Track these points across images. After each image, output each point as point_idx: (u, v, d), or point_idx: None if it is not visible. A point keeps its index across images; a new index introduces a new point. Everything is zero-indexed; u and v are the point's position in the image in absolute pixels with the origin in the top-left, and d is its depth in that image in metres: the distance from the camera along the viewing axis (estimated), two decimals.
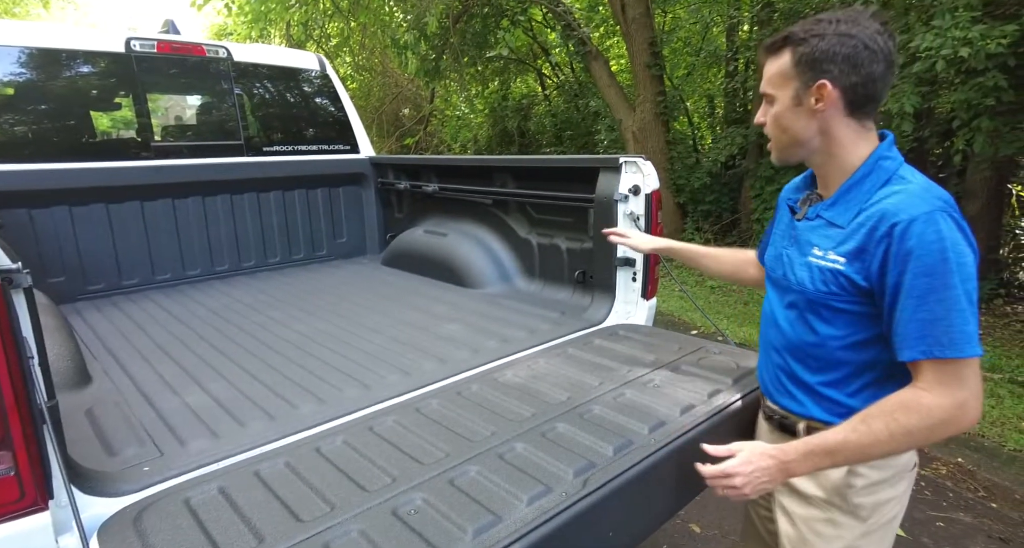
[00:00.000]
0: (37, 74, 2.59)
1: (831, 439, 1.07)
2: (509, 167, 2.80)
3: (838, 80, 1.07)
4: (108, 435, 1.45)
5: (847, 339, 1.15)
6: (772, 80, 1.15)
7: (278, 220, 3.34)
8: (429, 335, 2.14)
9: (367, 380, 1.75)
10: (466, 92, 12.17)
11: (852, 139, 1.13)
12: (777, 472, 1.10)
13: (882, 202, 1.07)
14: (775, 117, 1.16)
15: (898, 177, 1.10)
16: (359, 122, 3.67)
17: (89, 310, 2.55)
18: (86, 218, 2.70)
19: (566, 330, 2.15)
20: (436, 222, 3.29)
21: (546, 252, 2.67)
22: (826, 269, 1.14)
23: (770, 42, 1.15)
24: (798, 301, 1.21)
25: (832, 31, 1.06)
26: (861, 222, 1.09)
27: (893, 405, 1.03)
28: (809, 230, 1.20)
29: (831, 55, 1.06)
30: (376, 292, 2.79)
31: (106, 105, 2.83)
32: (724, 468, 1.13)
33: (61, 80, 2.64)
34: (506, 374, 1.74)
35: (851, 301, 1.12)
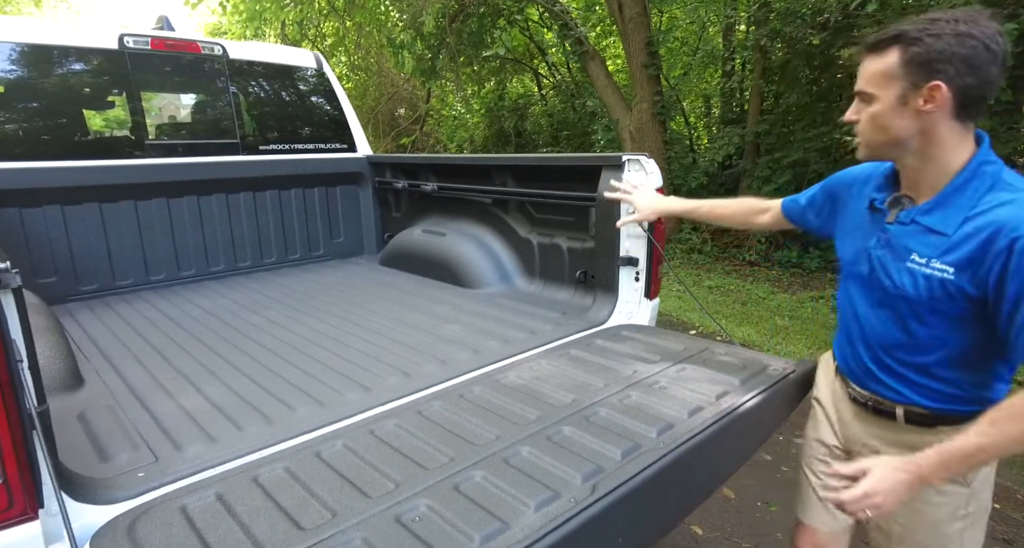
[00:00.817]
0: (28, 71, 2.54)
1: (965, 446, 1.07)
2: (509, 166, 2.77)
3: (953, 81, 1.05)
4: (101, 440, 1.40)
5: (944, 337, 1.18)
6: (874, 79, 1.13)
7: (274, 220, 3.29)
8: (429, 336, 2.11)
9: (367, 382, 1.72)
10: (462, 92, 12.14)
11: (954, 142, 1.11)
12: (915, 484, 1.11)
13: (994, 212, 1.06)
14: (873, 116, 1.14)
15: (1004, 183, 1.09)
16: (356, 121, 3.63)
17: (82, 311, 2.50)
18: (78, 218, 2.65)
19: (568, 331, 2.12)
20: (435, 222, 3.25)
21: (547, 252, 2.64)
22: (932, 277, 1.14)
23: (875, 40, 1.12)
24: (895, 303, 1.22)
25: (950, 31, 1.04)
26: (970, 233, 1.08)
27: (1019, 407, 1.03)
28: (905, 235, 1.20)
29: (948, 56, 1.04)
30: (374, 293, 2.75)
31: (99, 103, 2.78)
32: (865, 490, 1.11)
33: (53, 77, 2.60)
34: (509, 376, 1.71)
35: (956, 307, 1.13)
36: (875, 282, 1.26)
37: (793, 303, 5.68)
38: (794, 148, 6.71)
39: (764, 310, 5.54)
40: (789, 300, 5.76)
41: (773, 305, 5.66)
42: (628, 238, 2.21)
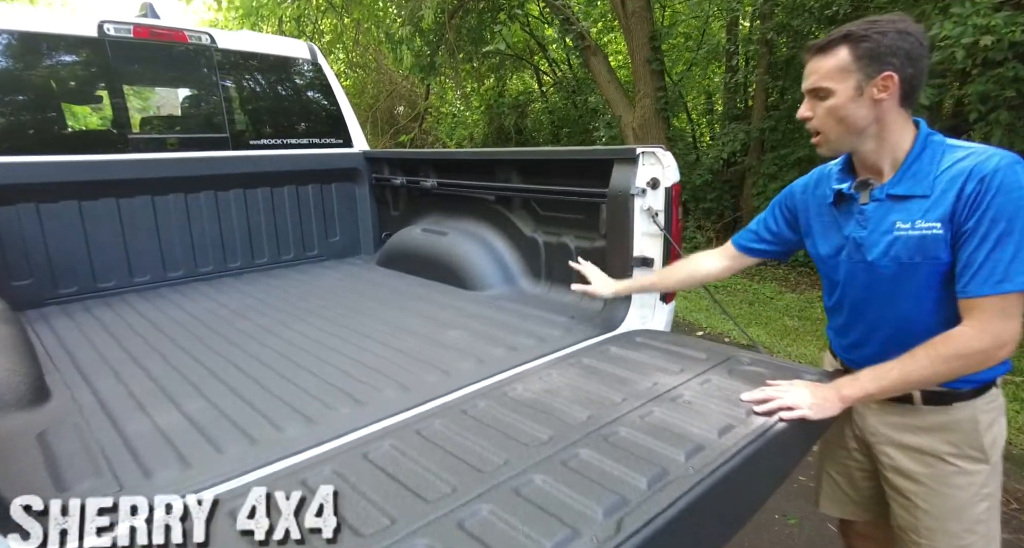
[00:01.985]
0: (3, 61, 2.38)
1: (879, 366, 1.25)
2: (513, 160, 2.61)
3: (900, 71, 1.19)
4: (61, 465, 1.25)
5: (943, 299, 1.23)
6: (829, 75, 1.23)
7: (266, 218, 3.14)
8: (429, 343, 1.95)
9: (362, 396, 1.56)
10: (462, 89, 11.97)
11: (901, 125, 1.26)
12: (832, 393, 1.30)
13: (957, 166, 1.19)
14: (831, 109, 1.25)
15: (953, 147, 1.23)
16: (352, 115, 3.48)
17: (58, 316, 2.35)
18: (56, 216, 2.49)
19: (579, 337, 1.96)
20: (435, 220, 3.10)
21: (554, 251, 2.49)
22: (922, 237, 1.21)
23: (823, 42, 1.25)
24: (889, 278, 1.28)
25: (893, 29, 1.18)
26: (944, 188, 1.19)
27: (937, 338, 1.19)
28: (883, 210, 1.28)
29: (895, 49, 1.18)
30: (371, 295, 2.60)
31: (77, 94, 2.62)
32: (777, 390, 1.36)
33: (27, 67, 2.44)
34: (516, 388, 1.56)
35: (948, 264, 1.21)
36: (862, 265, 1.32)
37: (801, 303, 5.54)
38: (800, 144, 6.56)
39: (772, 310, 5.39)
40: (797, 300, 5.62)
41: (781, 305, 5.51)
42: (643, 237, 2.06)
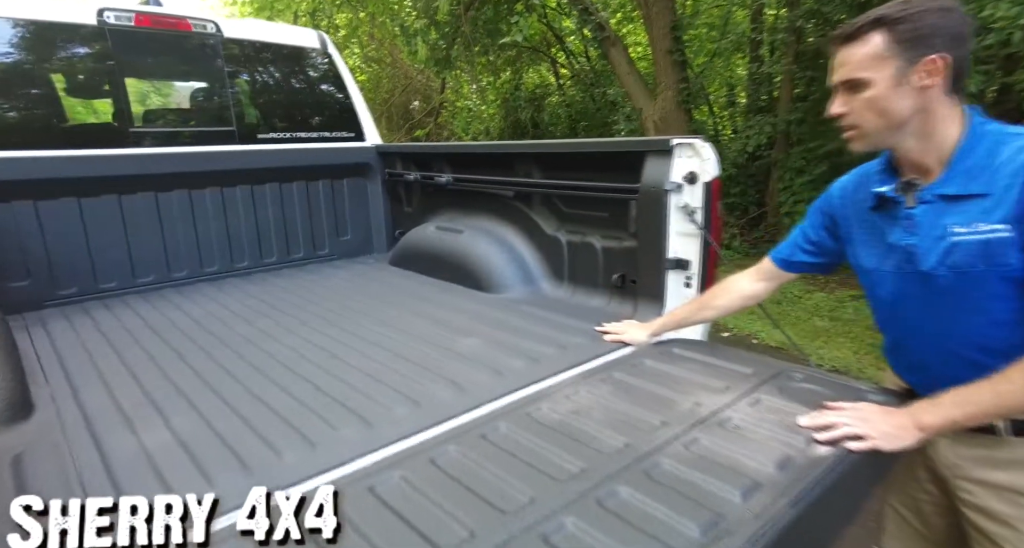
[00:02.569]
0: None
1: (964, 389, 1.08)
2: (535, 154, 2.44)
3: (945, 54, 1.05)
4: (30, 492, 1.11)
5: (1019, 307, 1.08)
6: (863, 64, 1.10)
7: (275, 216, 3.01)
8: (443, 352, 1.80)
9: (369, 414, 1.41)
10: (477, 83, 11.79)
11: (950, 115, 1.11)
12: (907, 420, 1.13)
13: (1018, 157, 1.04)
14: (870, 101, 1.11)
15: (1010, 134, 1.09)
16: (365, 107, 3.33)
17: (56, 319, 2.23)
18: (55, 214, 2.38)
19: (606, 347, 1.79)
20: (450, 217, 2.94)
21: (577, 252, 2.32)
22: (986, 241, 1.07)
23: (851, 30, 1.11)
24: (950, 288, 1.13)
25: (933, 7, 1.06)
26: (1007, 183, 1.04)
27: None
28: (934, 213, 1.13)
29: (937, 29, 1.05)
30: (382, 297, 2.45)
31: (75, 85, 2.50)
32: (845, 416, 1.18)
33: (22, 56, 2.32)
34: (541, 408, 1.39)
35: (1019, 267, 1.06)
36: (915, 276, 1.17)
37: (832, 302, 5.29)
38: (829, 137, 6.29)
39: (800, 310, 5.16)
40: (827, 299, 5.37)
41: (810, 305, 5.28)
42: (677, 237, 1.89)
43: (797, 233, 1.48)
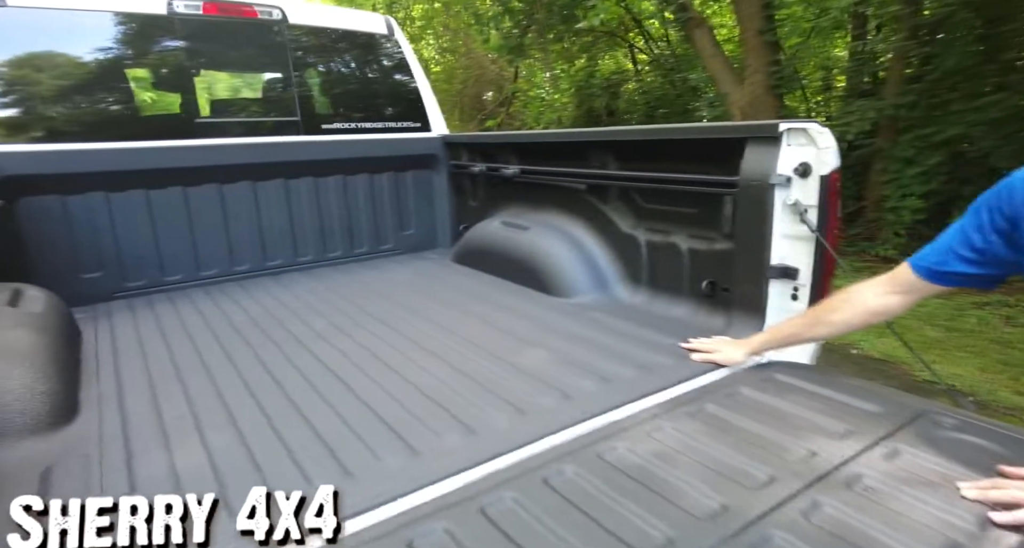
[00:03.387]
0: (67, 41, 2.27)
1: None
2: (611, 142, 2.18)
3: None
4: None
5: None
6: None
7: (338, 209, 2.92)
8: (504, 366, 1.60)
9: (417, 441, 1.23)
10: (551, 71, 11.50)
11: None
12: None
13: None
14: None
15: None
16: (432, 96, 3.17)
17: (121, 312, 2.23)
18: (124, 206, 2.38)
19: (695, 368, 1.53)
20: (516, 212, 2.74)
21: (659, 253, 2.05)
22: None
23: None
24: None
25: None
26: None
27: None
28: None
29: None
30: (442, 298, 2.28)
31: (144, 76, 2.49)
32: None
33: (94, 48, 2.32)
34: (616, 447, 1.17)
35: None
36: None
37: (949, 310, 4.66)
38: (948, 122, 5.55)
39: (909, 318, 4.56)
40: (944, 306, 4.74)
41: (923, 313, 4.67)
42: (784, 240, 1.59)
43: (953, 236, 1.15)
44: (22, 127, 2.19)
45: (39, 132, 2.21)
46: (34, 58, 2.22)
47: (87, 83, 2.32)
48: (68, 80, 2.28)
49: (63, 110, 2.27)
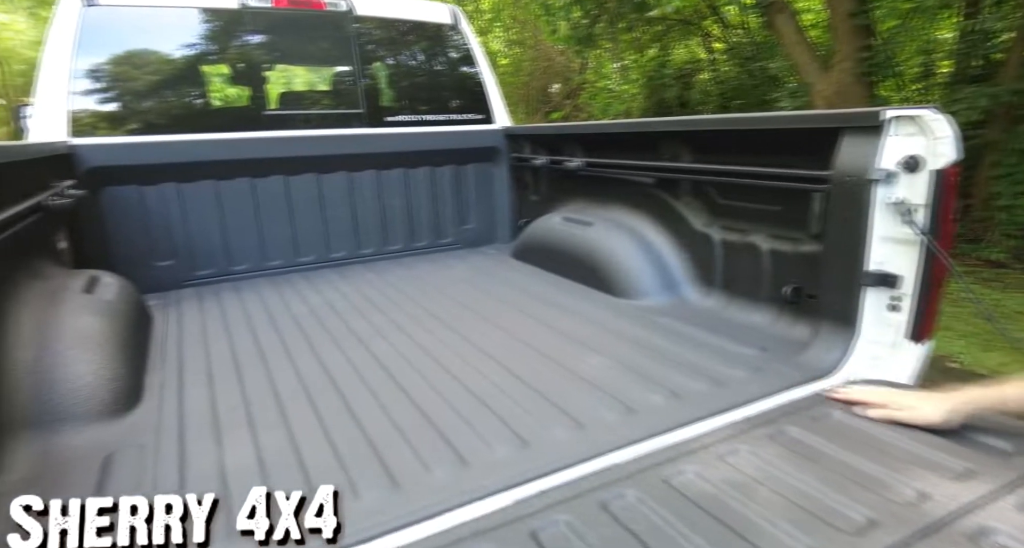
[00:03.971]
0: (146, 37, 2.36)
1: None
2: (686, 133, 2.03)
3: None
4: None
5: None
6: None
7: (400, 202, 2.90)
8: (564, 373, 1.50)
9: (466, 451, 1.16)
10: (620, 61, 11.19)
11: None
12: None
13: None
14: None
15: None
16: (496, 87, 3.10)
17: (190, 300, 2.30)
18: (195, 196, 2.45)
19: (774, 383, 1.38)
20: (579, 207, 2.62)
21: (735, 253, 1.88)
22: None
23: None
24: None
25: None
26: None
27: None
28: None
29: None
30: (500, 296, 2.21)
31: (216, 69, 2.55)
32: None
33: (170, 43, 2.40)
34: (684, 471, 1.05)
35: None
36: None
37: None
38: None
39: (1021, 329, 4.09)
40: None
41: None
42: (883, 243, 1.40)
43: None
44: (104, 120, 2.29)
45: (119, 125, 2.30)
46: (115, 53, 2.31)
47: (162, 77, 2.40)
48: (145, 74, 2.37)
49: (140, 104, 2.36)
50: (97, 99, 2.27)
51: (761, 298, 1.79)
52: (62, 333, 1.38)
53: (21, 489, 1.09)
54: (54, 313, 1.44)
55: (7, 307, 1.37)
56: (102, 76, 2.28)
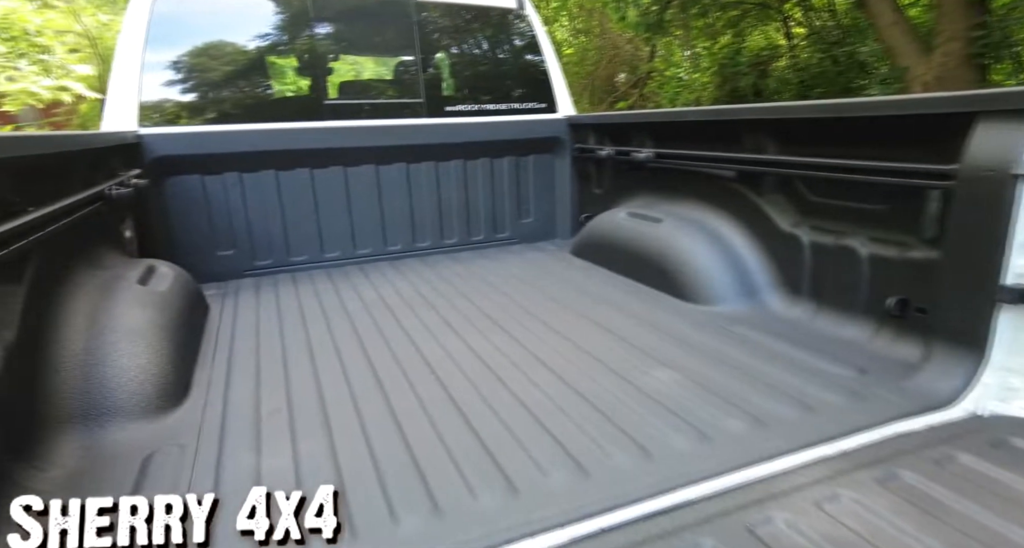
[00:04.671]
0: (212, 26, 2.36)
1: None
2: (773, 121, 1.81)
3: None
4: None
5: None
6: None
7: (457, 195, 2.81)
8: (626, 388, 1.35)
9: (517, 476, 1.04)
10: (691, 49, 10.70)
11: None
12: None
13: None
14: None
15: None
16: (560, 75, 2.95)
17: (248, 290, 2.29)
18: (256, 186, 2.45)
19: (878, 413, 1.17)
20: (646, 202, 2.44)
21: (828, 258, 1.66)
22: None
23: None
24: None
25: None
26: None
27: None
28: None
29: None
30: (558, 297, 2.07)
31: (278, 57, 2.53)
32: None
33: (237, 32, 2.39)
34: (772, 518, 0.88)
35: None
36: None
37: None
38: None
39: None
40: None
41: None
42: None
43: None
44: (171, 110, 2.31)
45: (185, 114, 2.32)
46: (183, 44, 2.32)
47: (227, 67, 2.40)
48: (211, 64, 2.37)
49: (206, 93, 2.37)
50: (165, 89, 2.29)
51: (857, 309, 1.56)
52: (112, 325, 1.36)
53: (63, 486, 1.07)
54: (106, 304, 1.43)
55: (63, 297, 1.37)
56: (171, 67, 2.30)
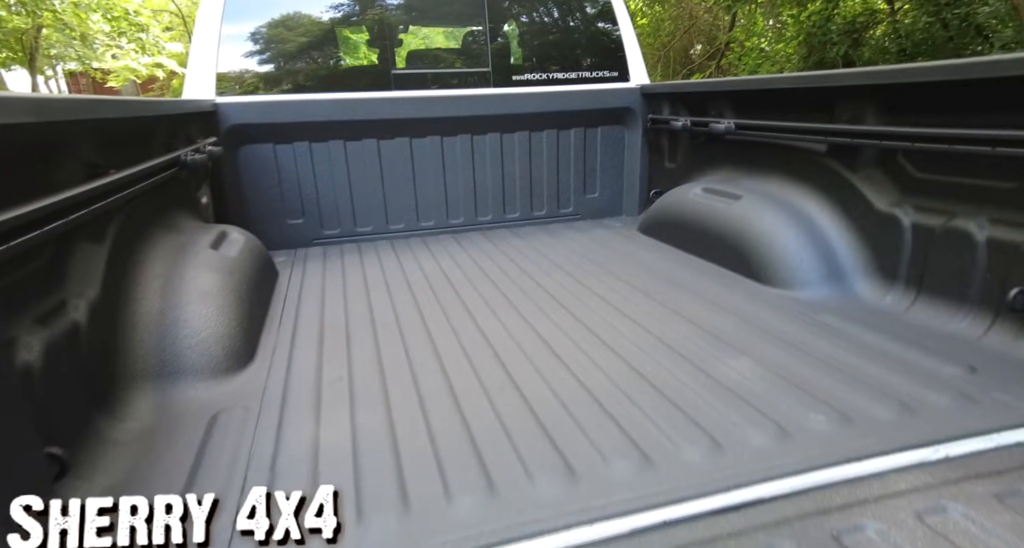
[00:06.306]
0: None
1: None
2: (874, 87, 1.62)
3: None
4: (199, 476, 0.99)
5: None
6: None
7: (521, 168, 2.74)
8: (698, 376, 1.26)
9: (577, 461, 0.99)
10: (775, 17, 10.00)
11: None
12: None
13: None
14: None
15: None
16: (635, 41, 2.79)
17: (315, 259, 2.34)
18: (325, 156, 2.48)
19: (994, 418, 1.03)
20: (724, 177, 2.28)
21: (934, 241, 1.48)
22: None
23: None
24: None
25: None
26: None
27: None
28: None
29: None
30: (624, 277, 1.98)
31: (350, 29, 2.52)
32: None
33: (309, 3, 2.39)
34: (862, 527, 0.79)
35: None
36: None
37: None
38: None
39: None
40: None
41: None
42: None
43: None
44: (246, 79, 2.36)
45: (260, 84, 2.36)
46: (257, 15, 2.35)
47: (299, 37, 2.42)
48: (284, 35, 2.40)
49: (279, 63, 2.40)
50: (241, 61, 2.34)
51: (968, 301, 1.39)
52: (184, 288, 1.40)
53: (139, 438, 1.11)
54: (180, 267, 1.47)
55: (141, 258, 1.42)
56: (246, 38, 2.34)
